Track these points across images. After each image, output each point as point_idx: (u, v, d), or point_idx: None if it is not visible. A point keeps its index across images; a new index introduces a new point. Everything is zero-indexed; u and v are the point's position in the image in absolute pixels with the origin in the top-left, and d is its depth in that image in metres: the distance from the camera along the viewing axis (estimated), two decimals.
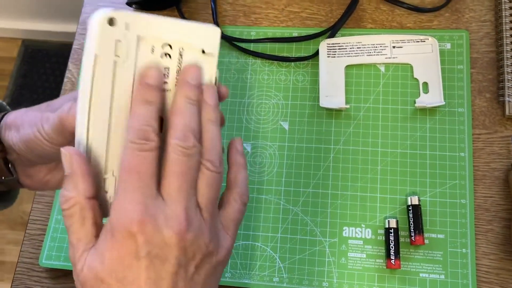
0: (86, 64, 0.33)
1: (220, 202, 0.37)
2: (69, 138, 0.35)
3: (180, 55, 0.36)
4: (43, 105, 0.40)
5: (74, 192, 0.31)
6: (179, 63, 0.36)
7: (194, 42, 0.36)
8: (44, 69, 1.61)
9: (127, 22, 0.33)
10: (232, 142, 0.38)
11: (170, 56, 0.35)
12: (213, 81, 0.36)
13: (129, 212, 0.29)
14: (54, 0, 1.46)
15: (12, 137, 0.39)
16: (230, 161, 0.38)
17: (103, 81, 0.33)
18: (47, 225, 0.58)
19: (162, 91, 0.34)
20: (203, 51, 0.36)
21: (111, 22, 0.33)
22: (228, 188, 0.38)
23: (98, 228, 0.31)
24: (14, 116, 0.40)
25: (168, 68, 0.35)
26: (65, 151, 0.32)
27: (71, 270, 0.55)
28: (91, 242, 0.30)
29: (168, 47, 0.35)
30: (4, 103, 0.45)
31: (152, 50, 0.34)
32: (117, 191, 0.30)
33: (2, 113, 0.41)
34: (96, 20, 0.32)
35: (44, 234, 0.57)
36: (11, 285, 0.56)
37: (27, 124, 0.38)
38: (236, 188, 0.37)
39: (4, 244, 1.45)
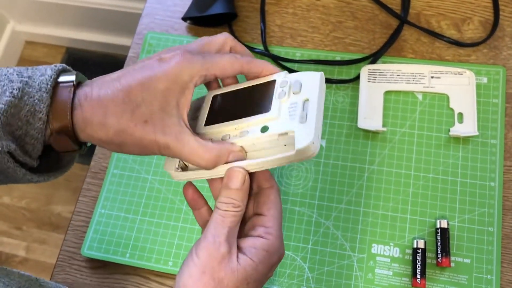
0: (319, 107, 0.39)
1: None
2: None
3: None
4: (123, 97, 0.39)
5: (242, 203, 0.40)
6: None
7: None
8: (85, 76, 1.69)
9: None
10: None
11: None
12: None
13: (281, 248, 0.41)
14: (98, 12, 1.53)
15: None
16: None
17: None
18: (90, 217, 0.61)
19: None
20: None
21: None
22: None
23: None
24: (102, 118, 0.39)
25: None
26: (240, 171, 0.40)
27: (110, 262, 0.58)
28: (234, 243, 0.39)
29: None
30: (66, 66, 0.43)
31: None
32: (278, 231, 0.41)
33: (72, 87, 0.41)
34: (321, 81, 0.41)
35: (87, 226, 0.61)
36: (53, 270, 0.59)
37: (132, 143, 0.39)
38: None
39: (30, 242, 1.49)
